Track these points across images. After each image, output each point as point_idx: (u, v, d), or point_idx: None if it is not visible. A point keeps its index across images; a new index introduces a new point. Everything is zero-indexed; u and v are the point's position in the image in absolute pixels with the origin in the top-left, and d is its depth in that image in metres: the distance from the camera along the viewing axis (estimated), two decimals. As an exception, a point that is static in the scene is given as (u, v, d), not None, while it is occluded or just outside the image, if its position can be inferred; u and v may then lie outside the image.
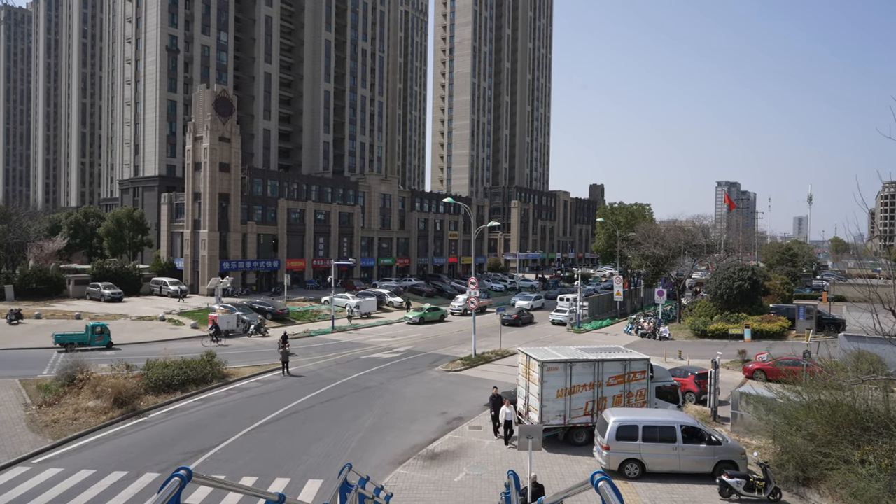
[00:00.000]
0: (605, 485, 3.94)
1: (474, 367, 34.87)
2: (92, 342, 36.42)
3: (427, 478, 18.43)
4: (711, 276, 52.38)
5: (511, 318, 51.78)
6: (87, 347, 36.09)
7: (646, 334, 47.35)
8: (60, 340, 36.14)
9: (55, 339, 36.29)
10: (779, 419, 18.76)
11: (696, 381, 27.80)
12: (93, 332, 36.64)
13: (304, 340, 43.95)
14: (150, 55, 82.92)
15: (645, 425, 18.56)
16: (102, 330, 37.15)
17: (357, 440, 21.90)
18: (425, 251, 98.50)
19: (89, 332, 36.68)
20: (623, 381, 21.62)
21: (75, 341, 36.18)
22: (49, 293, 57.37)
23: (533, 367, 21.59)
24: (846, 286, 72.85)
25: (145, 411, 24.65)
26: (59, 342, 36.09)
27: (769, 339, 43.54)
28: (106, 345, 36.86)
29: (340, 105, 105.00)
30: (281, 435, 22.26)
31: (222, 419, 24.02)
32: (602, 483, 3.99)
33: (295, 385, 29.97)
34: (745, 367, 33.65)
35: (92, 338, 36.45)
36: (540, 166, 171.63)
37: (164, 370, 27.20)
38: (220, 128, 66.03)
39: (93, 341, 36.44)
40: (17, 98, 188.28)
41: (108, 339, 37.19)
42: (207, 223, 65.30)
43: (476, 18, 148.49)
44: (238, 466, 19.15)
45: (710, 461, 18.36)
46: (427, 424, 23.98)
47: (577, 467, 19.44)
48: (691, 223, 60.27)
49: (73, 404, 23.90)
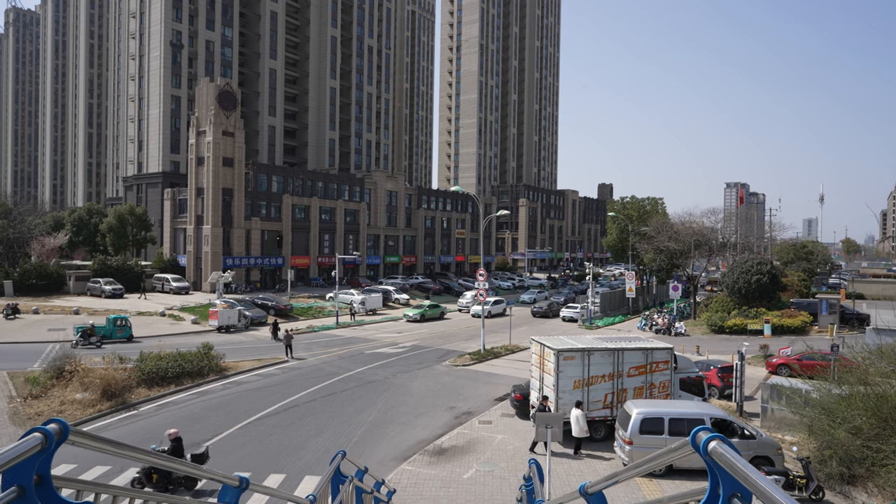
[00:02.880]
0: None
1: (483, 361, 33.40)
2: (114, 334, 36.71)
3: (434, 474, 16.97)
4: (729, 271, 50.67)
5: (542, 311, 54.69)
6: (108, 340, 36.14)
7: (660, 330, 45.69)
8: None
9: (76, 331, 36.33)
10: (816, 412, 17.19)
11: (720, 375, 26.22)
12: (115, 325, 37.01)
13: (307, 336, 42.60)
14: (153, 50, 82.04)
15: (671, 418, 17.05)
16: (124, 322, 37.47)
17: (359, 435, 20.48)
18: (432, 249, 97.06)
19: (111, 324, 37.00)
20: (645, 371, 20.09)
21: (97, 333, 36.37)
22: (49, 289, 56.33)
23: (548, 356, 20.10)
24: (865, 283, 70.90)
25: (136, 404, 23.34)
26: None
27: (790, 334, 41.82)
28: (127, 337, 37.10)
29: (346, 102, 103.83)
30: (278, 429, 20.88)
31: (216, 413, 22.66)
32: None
33: (296, 379, 28.59)
34: (769, 362, 32.04)
35: (114, 330, 36.79)
36: (548, 165, 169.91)
37: (157, 362, 25.90)
38: (224, 122, 64.90)
39: (114, 333, 36.74)
40: (26, 100, 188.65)
41: (129, 332, 37.48)
42: (210, 219, 64.14)
43: (483, 16, 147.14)
44: (230, 462, 17.77)
45: (744, 457, 16.77)
46: (434, 419, 22.53)
47: (597, 463, 17.93)
48: (704, 218, 58.44)
49: (60, 397, 22.63)
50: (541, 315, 54.65)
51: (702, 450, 2.53)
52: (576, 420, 18.15)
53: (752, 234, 65.29)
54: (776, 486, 2.03)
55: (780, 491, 2.01)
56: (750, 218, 75.10)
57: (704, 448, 2.51)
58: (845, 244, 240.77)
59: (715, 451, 2.45)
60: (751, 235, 64.05)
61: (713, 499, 2.56)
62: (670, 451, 2.70)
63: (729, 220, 66.33)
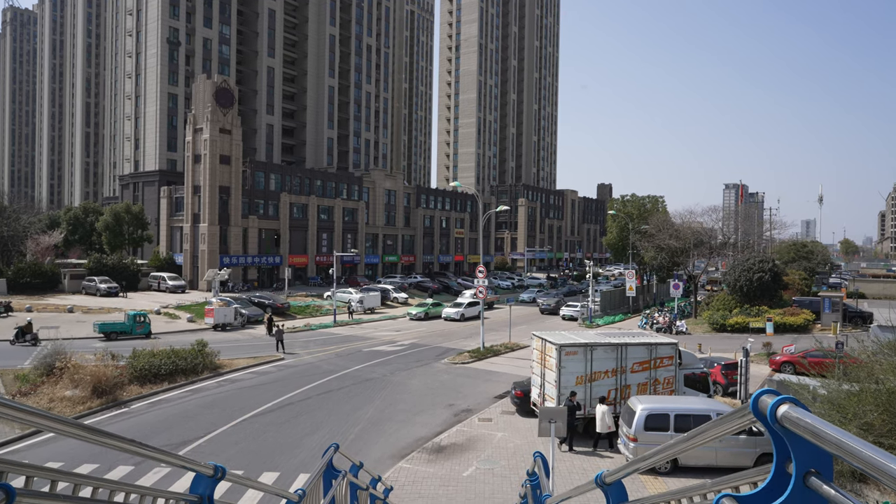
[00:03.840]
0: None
1: (483, 359, 32.90)
2: (133, 331, 37.06)
3: (433, 472, 16.46)
4: (730, 269, 50.24)
5: (550, 307, 55.00)
6: (128, 336, 36.47)
7: (661, 329, 45.15)
8: (103, 329, 36.54)
9: (97, 328, 36.61)
10: (827, 408, 16.70)
11: (723, 372, 25.75)
12: (134, 322, 37.39)
13: (305, 334, 42.10)
14: (150, 48, 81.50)
15: (677, 414, 16.55)
16: (144, 319, 37.90)
17: (356, 432, 19.96)
18: (431, 249, 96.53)
19: (131, 321, 37.40)
20: (649, 367, 19.60)
21: (117, 330, 36.80)
22: (44, 287, 55.71)
23: (549, 351, 19.60)
24: (866, 283, 70.59)
25: (128, 402, 22.81)
26: (102, 331, 36.47)
27: (792, 332, 41.35)
28: (146, 334, 37.40)
29: (345, 101, 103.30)
30: (272, 427, 20.36)
31: (210, 410, 22.13)
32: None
33: (291, 377, 28.07)
34: (772, 360, 31.54)
35: (133, 327, 37.15)
36: (547, 166, 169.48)
37: (150, 359, 25.37)
38: (221, 119, 64.37)
39: (134, 330, 37.10)
40: (23, 99, 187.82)
41: (148, 329, 37.83)
42: (207, 217, 63.59)
43: (482, 15, 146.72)
44: (222, 460, 17.22)
45: (751, 454, 16.33)
46: (433, 417, 22.03)
47: (601, 462, 17.42)
48: (705, 216, 57.96)
49: (49, 394, 22.10)
50: (549, 312, 55.08)
51: (769, 416, 2.01)
52: (602, 416, 17.80)
53: (754, 233, 64.76)
54: (886, 453, 1.52)
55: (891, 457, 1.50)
56: (750, 216, 74.57)
57: (772, 414, 1.99)
58: (843, 245, 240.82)
59: (788, 417, 1.93)
60: (752, 234, 63.52)
61: (780, 478, 2.04)
62: (724, 421, 2.19)
63: (729, 218, 65.82)
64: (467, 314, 49.77)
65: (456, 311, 49.95)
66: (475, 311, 47.10)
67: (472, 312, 49.20)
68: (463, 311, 49.87)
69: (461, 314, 49.63)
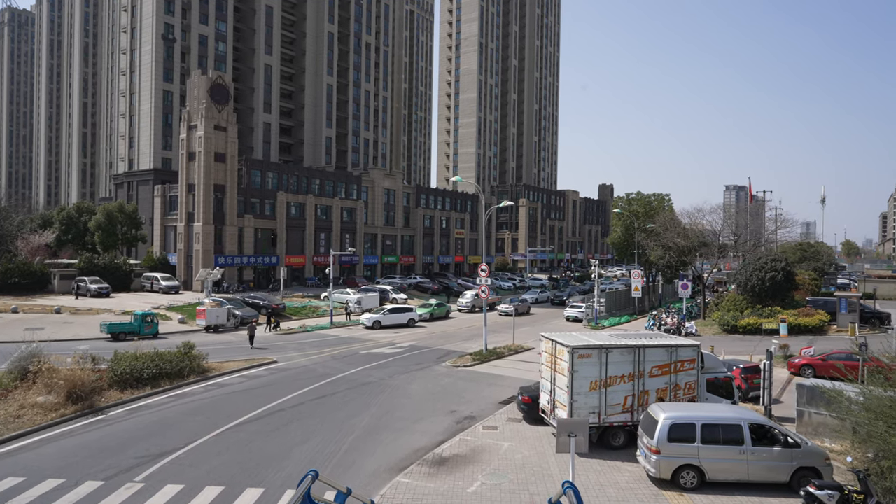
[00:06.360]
0: None
1: (486, 362, 31.32)
2: (141, 331, 36.47)
3: (434, 488, 14.88)
4: (742, 268, 48.63)
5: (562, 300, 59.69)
6: (136, 336, 35.86)
7: (669, 330, 43.48)
8: (111, 330, 35.71)
9: (105, 328, 35.76)
10: (872, 416, 15.11)
11: (743, 376, 24.13)
12: (142, 321, 36.75)
13: (300, 335, 40.53)
14: (145, 44, 79.98)
15: (704, 423, 15.00)
16: (152, 319, 37.45)
17: (350, 442, 18.38)
18: (431, 249, 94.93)
19: (139, 321, 36.76)
20: (669, 371, 18.01)
21: (125, 330, 36.12)
22: (33, 288, 54.14)
23: (560, 354, 18.02)
24: (874, 283, 69.07)
25: (105, 408, 21.22)
26: (109, 332, 35.63)
27: (807, 333, 39.79)
28: (154, 334, 36.88)
29: (344, 100, 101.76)
30: (260, 436, 18.77)
31: (193, 417, 20.55)
32: None
33: (284, 381, 26.49)
34: (791, 363, 29.97)
35: (141, 327, 36.53)
36: (548, 166, 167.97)
37: (132, 362, 23.80)
38: (216, 116, 62.83)
39: (142, 330, 36.51)
40: (21, 100, 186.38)
41: (156, 329, 37.34)
42: (202, 216, 62.01)
43: (483, 14, 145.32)
44: (202, 473, 15.67)
45: (787, 468, 14.75)
46: (434, 424, 20.45)
47: (618, 475, 15.83)
48: (713, 215, 56.30)
49: (21, 400, 20.53)
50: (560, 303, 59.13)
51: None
52: None
53: (763, 231, 63.20)
54: None
55: None
56: (757, 215, 73.01)
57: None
58: (845, 246, 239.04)
59: None
60: (761, 233, 61.92)
61: None
62: None
63: (739, 215, 64.20)
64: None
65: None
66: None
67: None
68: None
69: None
